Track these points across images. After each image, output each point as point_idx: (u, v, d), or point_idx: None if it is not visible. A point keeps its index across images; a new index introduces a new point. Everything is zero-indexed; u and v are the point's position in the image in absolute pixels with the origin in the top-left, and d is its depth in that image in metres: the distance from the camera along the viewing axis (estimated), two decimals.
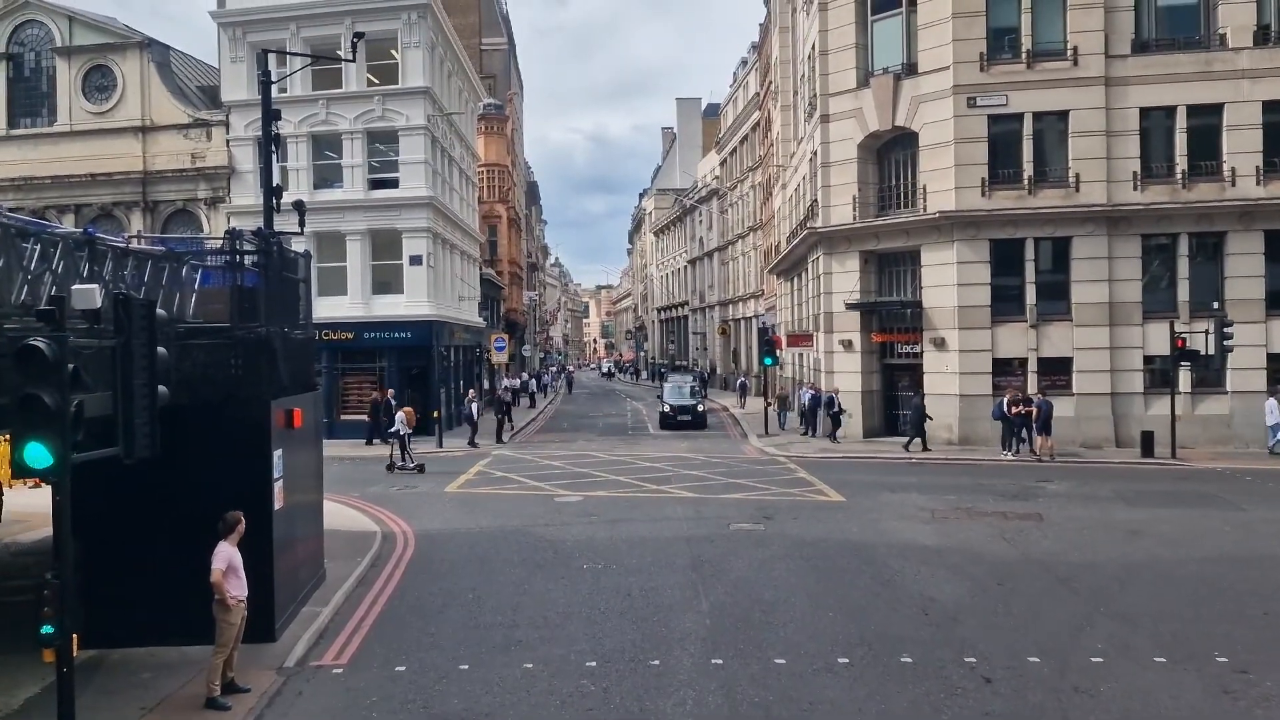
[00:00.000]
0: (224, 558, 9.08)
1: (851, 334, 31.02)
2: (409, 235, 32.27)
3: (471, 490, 21.19)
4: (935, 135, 28.59)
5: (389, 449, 25.91)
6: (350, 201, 32.39)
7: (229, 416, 10.68)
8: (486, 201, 56.73)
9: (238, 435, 10.69)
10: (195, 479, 10.50)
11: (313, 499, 13.09)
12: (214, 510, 9.61)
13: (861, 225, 30.44)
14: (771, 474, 23.22)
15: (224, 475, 10.57)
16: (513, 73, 69.58)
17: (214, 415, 10.63)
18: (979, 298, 28.05)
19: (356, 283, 32.55)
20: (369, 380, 33.20)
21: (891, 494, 19.84)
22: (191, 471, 10.57)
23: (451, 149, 37.04)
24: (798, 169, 39.71)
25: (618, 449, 29.92)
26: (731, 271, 65.36)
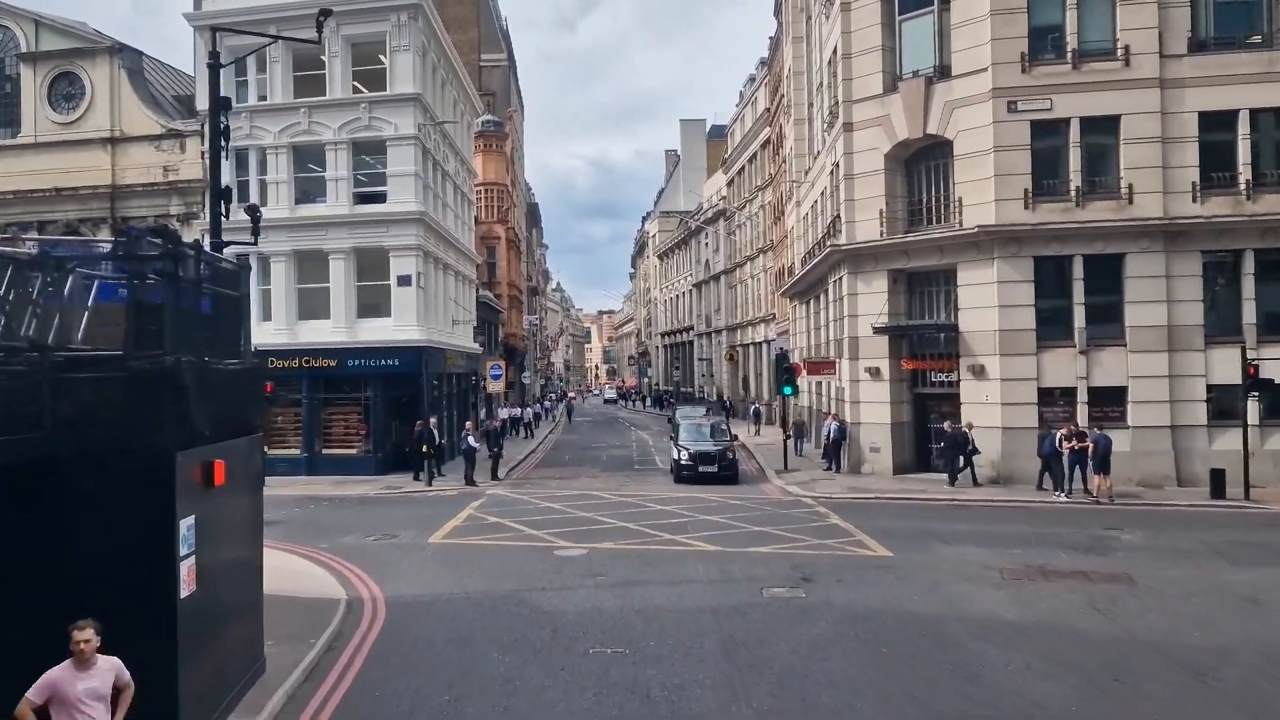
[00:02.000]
0: (44, 686, 6.37)
1: (879, 360, 28.39)
2: (397, 254, 29.75)
3: (459, 541, 18.47)
4: (972, 143, 26.12)
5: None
6: (334, 217, 29.91)
7: (118, 473, 8.02)
8: (485, 222, 54.38)
9: (129, 499, 8.02)
10: (70, 558, 7.85)
11: (246, 571, 10.39)
12: (92, 603, 6.96)
13: (890, 242, 27.89)
14: (800, 520, 20.50)
15: (109, 552, 7.92)
16: (513, 90, 67.49)
17: (99, 472, 8.00)
18: (1022, 321, 25.45)
19: (340, 305, 29.99)
20: (354, 411, 30.55)
21: (945, 546, 17.11)
22: (68, 547, 7.92)
23: (445, 163, 34.61)
24: (814, 184, 37.28)
25: (625, 487, 27.21)
26: (740, 295, 62.88)
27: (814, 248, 36.78)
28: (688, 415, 34.89)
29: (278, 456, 29.58)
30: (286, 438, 30.58)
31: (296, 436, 30.40)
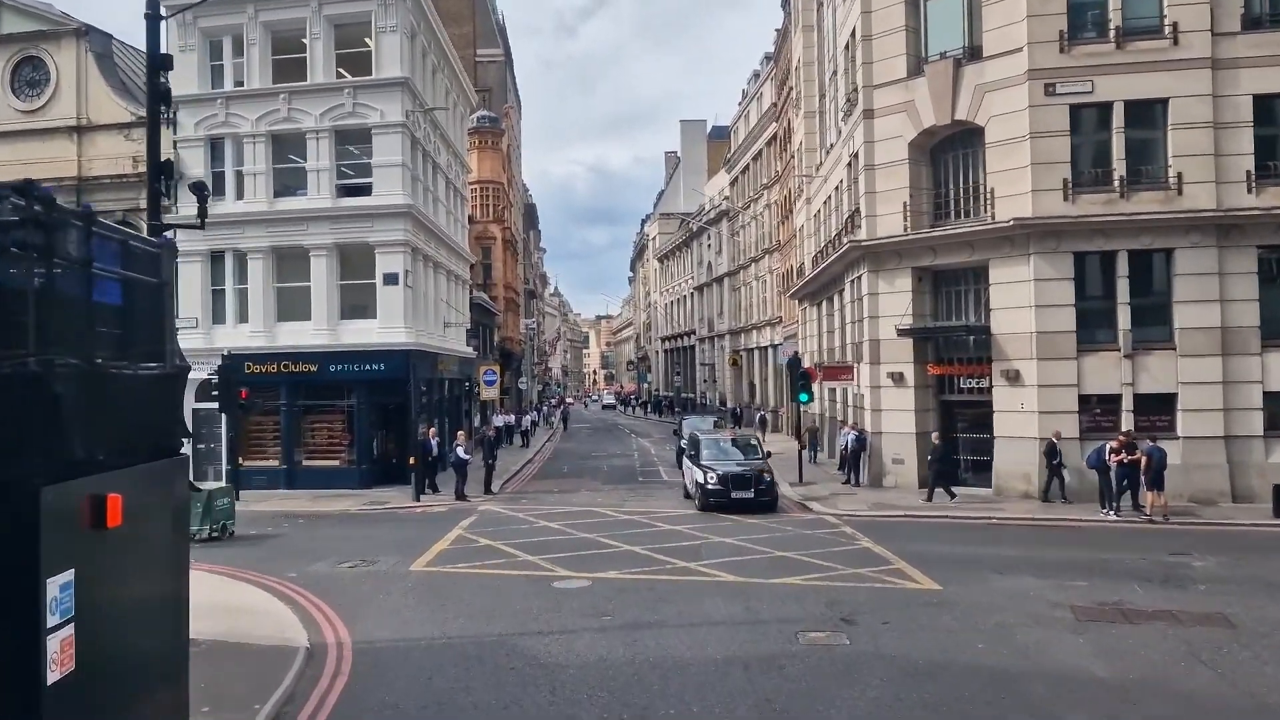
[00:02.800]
0: None
1: (903, 365, 26.31)
2: (383, 250, 27.64)
3: (445, 569, 16.32)
4: (1005, 130, 24.08)
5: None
6: (315, 211, 27.81)
7: None
8: (480, 221, 52.39)
9: None
10: None
11: (163, 629, 8.22)
12: None
13: (915, 237, 25.82)
14: (826, 542, 18.37)
15: None
16: (509, 87, 65.46)
17: None
18: (1061, 322, 23.38)
19: (322, 305, 27.87)
20: (337, 419, 28.40)
21: (998, 576, 15.00)
22: None
23: (436, 155, 32.53)
24: (828, 179, 35.24)
25: (629, 502, 25.09)
26: (744, 298, 60.84)
27: (827, 246, 34.72)
28: (707, 433, 31.54)
29: (255, 468, 27.56)
30: (264, 448, 28.47)
31: (275, 447, 28.28)
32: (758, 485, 22.67)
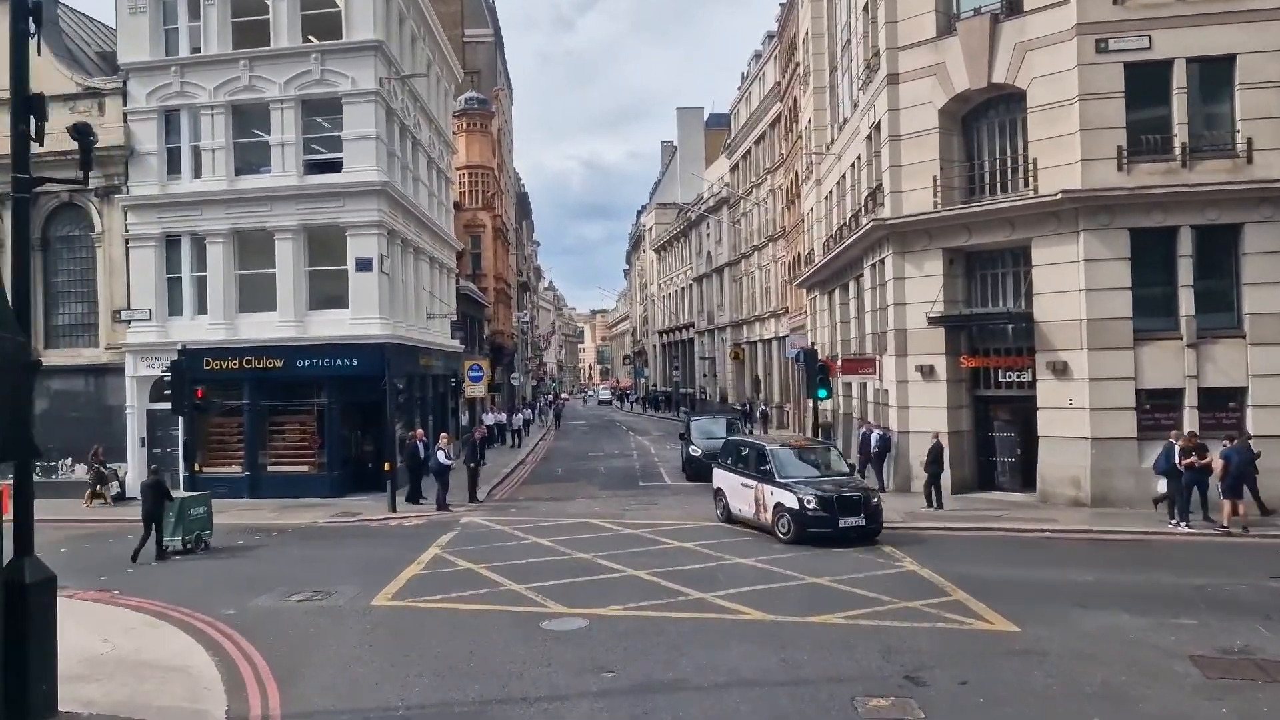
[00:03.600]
0: None
1: (933, 357, 23.71)
2: (355, 232, 24.93)
3: (413, 603, 13.66)
4: (1050, 92, 21.46)
5: None
6: (280, 189, 25.09)
7: None
8: (469, 208, 49.66)
9: None
10: None
11: None
12: None
13: (947, 215, 23.19)
14: (863, 564, 15.77)
15: None
16: (500, 69, 62.66)
17: None
18: (1116, 307, 20.79)
19: (288, 295, 25.17)
20: (305, 421, 25.70)
21: (1082, 612, 12.39)
22: None
23: (417, 130, 29.80)
24: (841, 157, 32.57)
25: (630, 511, 22.49)
26: (745, 288, 58.20)
27: (841, 229, 32.10)
28: (710, 431, 29.18)
29: (215, 475, 24.92)
30: (226, 453, 25.78)
31: (238, 451, 25.58)
32: (867, 509, 17.61)
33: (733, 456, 20.73)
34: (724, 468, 20.83)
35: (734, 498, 20.00)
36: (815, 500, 17.44)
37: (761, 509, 18.70)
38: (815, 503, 17.42)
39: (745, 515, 19.47)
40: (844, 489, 17.97)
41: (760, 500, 18.78)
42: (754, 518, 19.02)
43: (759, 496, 18.81)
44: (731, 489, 20.13)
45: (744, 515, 19.53)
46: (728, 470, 20.57)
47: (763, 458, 19.20)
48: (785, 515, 17.78)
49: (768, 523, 18.36)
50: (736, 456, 20.57)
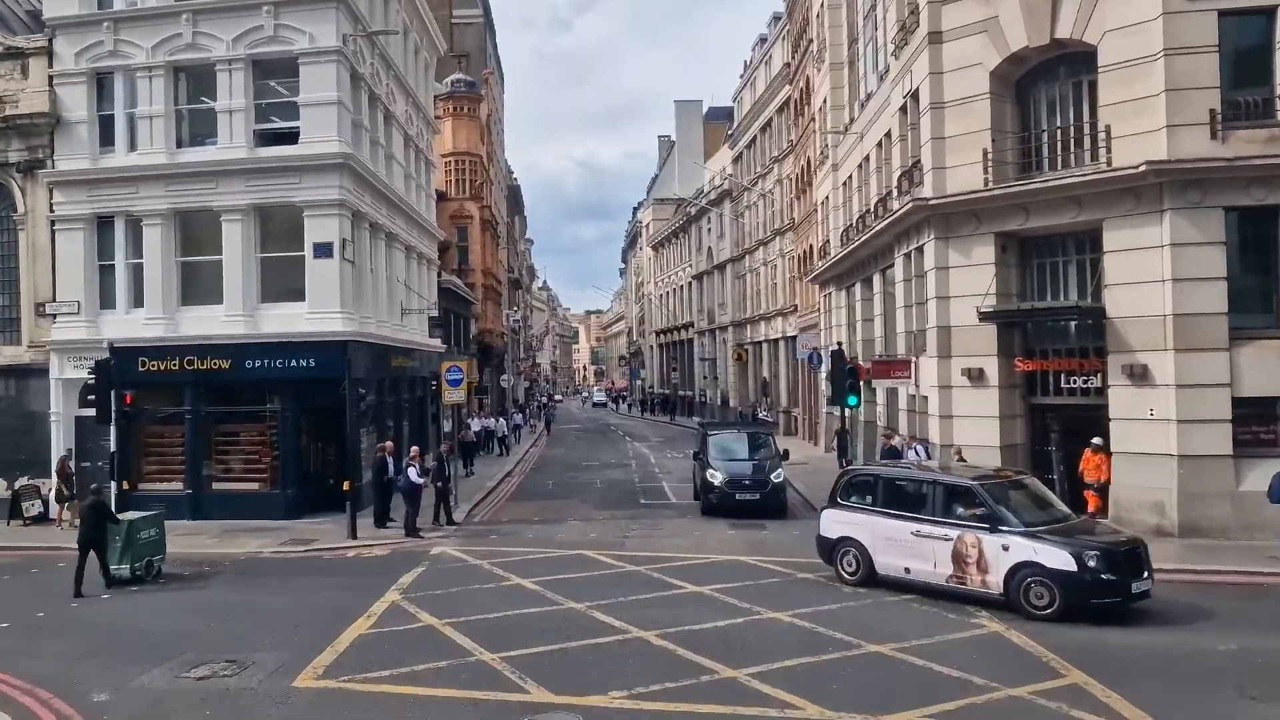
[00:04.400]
0: None
1: (982, 359, 20.44)
2: (314, 212, 21.58)
3: (349, 684, 10.31)
4: (1127, 48, 18.20)
5: None
6: (228, 163, 21.74)
7: None
8: (455, 198, 46.32)
9: None
10: None
11: None
12: None
13: (1000, 193, 19.90)
14: (932, 622, 12.48)
15: None
16: (490, 53, 59.31)
17: None
18: (1207, 301, 17.54)
19: (237, 285, 21.81)
20: (255, 430, 22.32)
21: (1255, 707, 9.12)
22: None
23: (390, 102, 26.43)
24: (864, 137, 29.31)
25: (631, 538, 19.19)
26: (749, 285, 54.90)
27: (864, 216, 28.86)
28: (729, 449, 23.23)
29: (152, 494, 21.54)
30: (165, 467, 22.41)
31: (178, 466, 22.19)
32: (1147, 565, 12.90)
33: (872, 494, 14.84)
34: (856, 508, 14.86)
35: (889, 551, 14.20)
36: (1098, 557, 12.24)
37: (971, 569, 13.14)
38: (1098, 560, 12.21)
39: (919, 577, 13.79)
40: (1104, 537, 13.27)
41: (967, 557, 13.19)
42: (946, 581, 13.42)
43: (964, 552, 13.19)
44: (883, 539, 14.26)
45: (915, 576, 13.84)
46: (866, 512, 14.61)
47: (968, 498, 13.58)
48: (1041, 580, 12.36)
49: (988, 589, 12.96)
50: (885, 494, 14.67)
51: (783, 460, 23.53)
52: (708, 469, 22.52)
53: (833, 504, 15.43)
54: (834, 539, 15.05)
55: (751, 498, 21.61)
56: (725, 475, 21.99)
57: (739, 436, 24.50)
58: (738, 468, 22.28)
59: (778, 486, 22.02)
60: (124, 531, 15.86)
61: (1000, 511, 13.19)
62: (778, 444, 24.55)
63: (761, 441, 23.94)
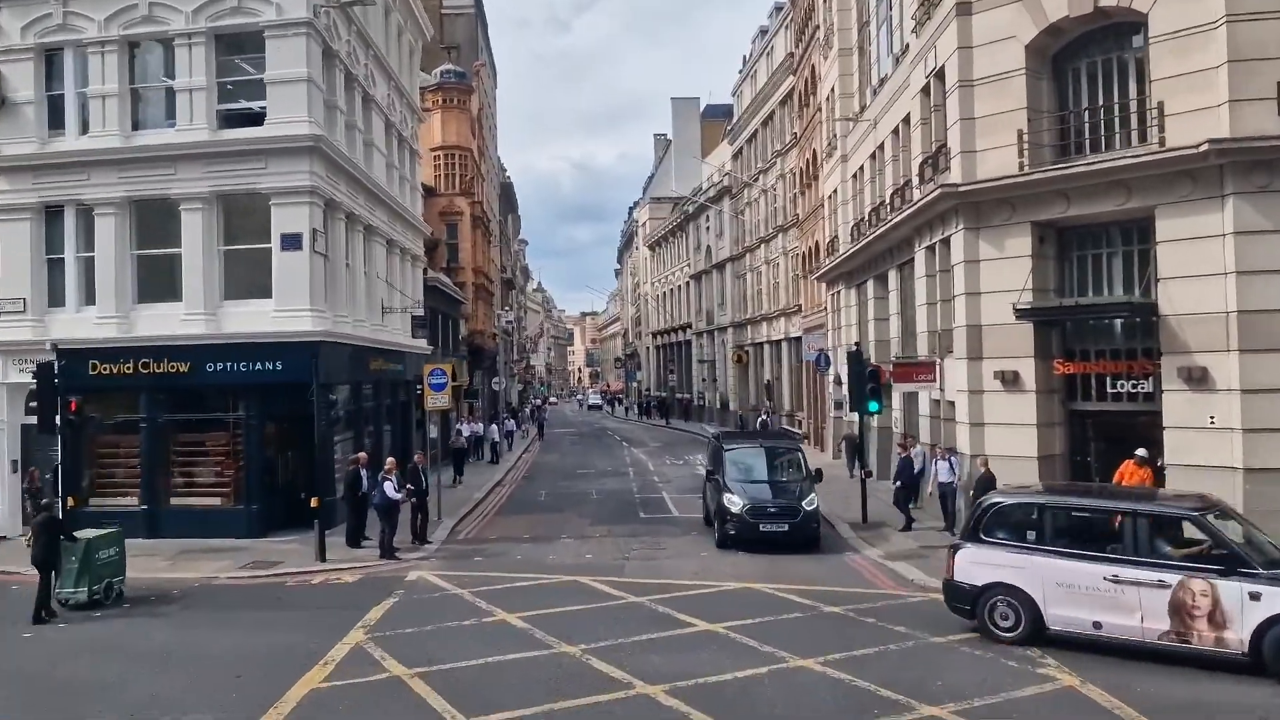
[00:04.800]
0: None
1: (1018, 361, 18.54)
2: (281, 200, 19.63)
3: None
4: (1182, 15, 16.32)
5: None
6: (188, 146, 19.78)
7: None
8: (444, 193, 44.44)
9: None
10: None
11: None
12: None
13: (1039, 178, 17.98)
14: (1001, 675, 10.57)
15: None
16: (481, 45, 57.40)
17: None
18: (1277, 295, 15.66)
19: (196, 281, 19.86)
20: (217, 440, 20.35)
21: None
22: None
23: (370, 84, 24.49)
24: (877, 124, 27.45)
25: (631, 559, 17.29)
26: (750, 285, 53.05)
27: (879, 208, 27.02)
28: (749, 466, 19.69)
29: (104, 510, 19.56)
30: (119, 481, 20.42)
31: (133, 479, 20.22)
32: None
33: (1035, 528, 12.03)
34: (1010, 546, 12.07)
35: (1067, 601, 11.50)
36: None
37: (1199, 623, 10.61)
38: None
39: (1117, 633, 11.13)
40: None
41: (1193, 608, 10.64)
42: (1161, 639, 10.80)
43: (1189, 602, 10.66)
44: (1058, 585, 11.57)
45: (1111, 633, 11.16)
46: (1027, 551, 11.90)
47: (1187, 532, 11.58)
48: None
49: (1225, 648, 10.47)
50: (1056, 527, 11.97)
51: (816, 481, 19.89)
52: (724, 492, 18.78)
53: (972, 539, 12.46)
54: (979, 586, 12.09)
55: (778, 529, 18.03)
56: (746, 501, 18.31)
57: (761, 451, 20.57)
58: (761, 491, 18.86)
59: (810, 515, 18.40)
60: (81, 551, 14.56)
61: (1241, 551, 10.70)
62: (808, 460, 20.74)
63: (789, 458, 20.33)
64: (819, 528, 18.68)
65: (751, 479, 19.17)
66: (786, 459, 20.43)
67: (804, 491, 18.88)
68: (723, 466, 19.64)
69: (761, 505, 18.30)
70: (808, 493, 18.88)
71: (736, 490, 18.68)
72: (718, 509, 19.02)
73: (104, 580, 14.80)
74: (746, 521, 18.06)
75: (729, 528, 18.25)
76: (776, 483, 19.34)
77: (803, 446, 21.77)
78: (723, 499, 18.71)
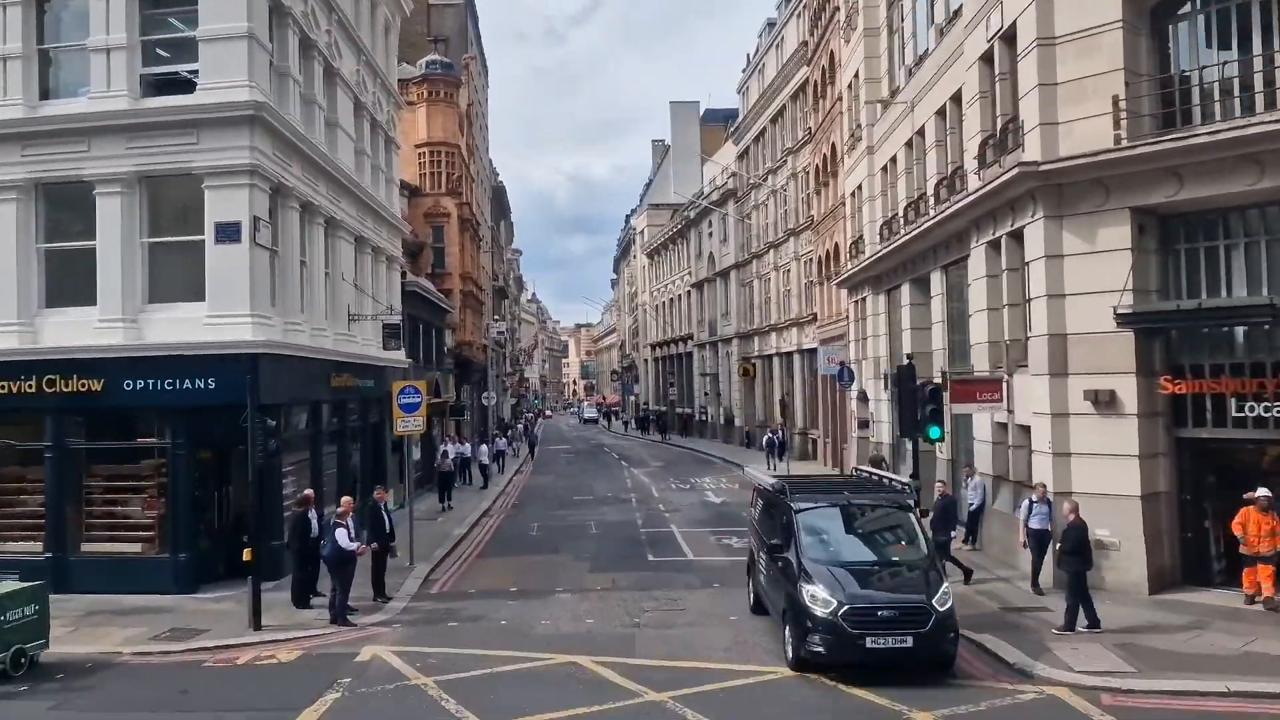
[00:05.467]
0: None
1: (1115, 378, 15.17)
2: (216, 181, 16.18)
3: None
4: None
5: None
6: (105, 116, 16.32)
7: None
8: (430, 193, 41.10)
9: None
10: None
11: None
12: None
13: (1146, 151, 14.61)
14: None
15: None
16: (471, 38, 54.15)
17: None
18: None
19: (114, 281, 16.39)
20: (139, 473, 16.81)
21: None
22: None
23: (334, 56, 21.10)
24: (916, 106, 24.12)
25: (644, 633, 13.71)
26: (757, 293, 49.68)
27: (918, 201, 23.73)
28: (845, 551, 12.70)
29: (1, 559, 16.00)
30: (18, 522, 16.90)
31: (35, 521, 16.69)
32: None
33: None
34: None
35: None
36: None
37: None
38: None
39: None
40: None
41: None
42: None
43: None
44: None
45: None
46: None
47: None
48: None
49: None
50: None
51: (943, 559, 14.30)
52: (802, 582, 11.76)
53: None
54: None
55: (898, 644, 11.11)
56: (843, 599, 11.34)
57: (854, 514, 13.47)
58: (864, 580, 11.94)
59: (944, 621, 11.33)
60: None
61: None
62: (924, 524, 13.61)
63: (896, 523, 13.24)
64: (957, 639, 11.54)
65: (844, 560, 12.32)
66: (893, 526, 13.30)
67: (931, 582, 11.79)
68: (795, 537, 12.48)
69: (868, 606, 11.32)
70: (937, 584, 11.74)
71: (822, 579, 11.67)
72: (790, 606, 11.93)
73: (12, 647, 11.88)
74: (844, 633, 11.09)
75: (813, 642, 11.28)
76: (884, 566, 12.63)
77: (912, 499, 13.71)
78: (800, 593, 11.63)
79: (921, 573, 12.10)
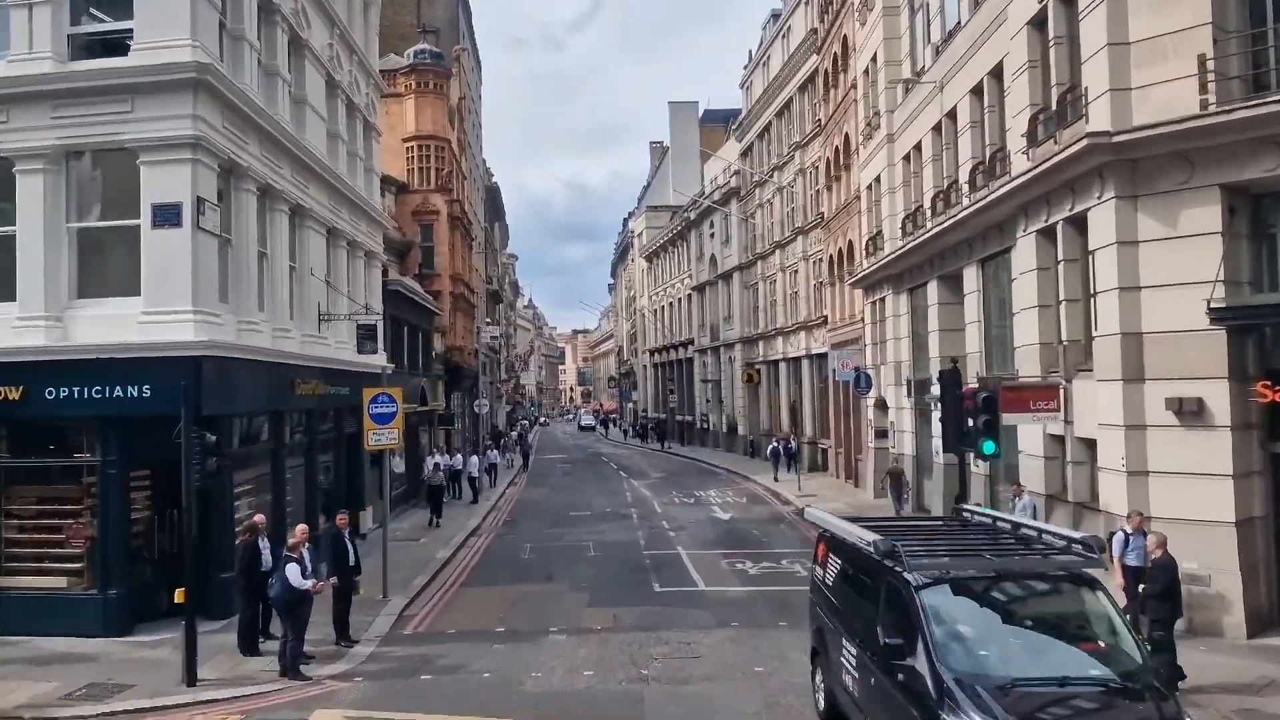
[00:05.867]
0: None
1: (1203, 384, 12.97)
2: (152, 156, 13.93)
3: None
4: None
5: None
6: (25, 81, 14.06)
7: None
8: (418, 189, 38.84)
9: None
10: None
11: None
12: None
13: (1242, 116, 12.40)
14: None
15: None
16: (464, 30, 51.99)
17: None
18: None
19: (35, 273, 14.12)
20: (64, 496, 14.51)
21: None
22: None
23: (301, 25, 18.86)
24: (946, 85, 21.95)
25: (654, 690, 11.45)
26: (763, 295, 47.46)
27: (949, 190, 21.57)
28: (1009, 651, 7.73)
29: None
30: None
31: None
32: None
33: None
34: None
35: None
36: None
37: None
38: None
39: None
40: None
41: None
42: None
43: None
44: None
45: None
46: None
47: None
48: None
49: None
50: None
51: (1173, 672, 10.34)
52: (948, 716, 7.00)
53: None
54: None
55: None
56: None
57: (1012, 593, 8.45)
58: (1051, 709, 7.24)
59: None
60: None
61: None
62: (1115, 601, 8.37)
63: (1084, 608, 8.22)
64: None
65: (1012, 676, 7.37)
66: (1076, 611, 8.33)
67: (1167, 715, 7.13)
68: (924, 635, 7.60)
69: None
70: (1166, 700, 7.32)
71: (981, 712, 6.94)
72: (832, 654, 9.20)
73: None
74: None
75: None
76: (1079, 685, 7.39)
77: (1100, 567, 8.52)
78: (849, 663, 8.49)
79: (1154, 704, 7.15)
